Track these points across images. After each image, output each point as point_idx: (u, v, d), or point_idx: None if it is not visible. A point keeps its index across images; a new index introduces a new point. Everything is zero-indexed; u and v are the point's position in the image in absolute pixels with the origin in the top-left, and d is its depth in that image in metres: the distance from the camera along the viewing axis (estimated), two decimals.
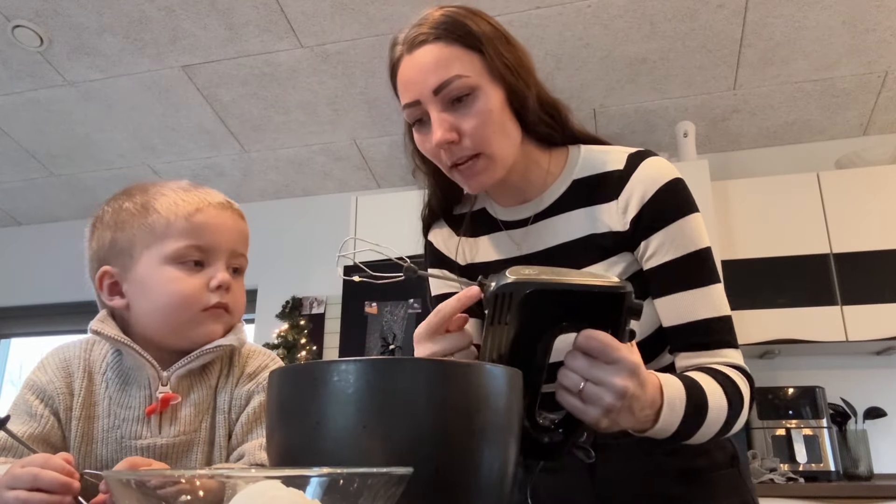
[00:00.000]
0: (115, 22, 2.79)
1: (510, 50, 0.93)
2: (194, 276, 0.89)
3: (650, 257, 0.92)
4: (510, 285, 0.68)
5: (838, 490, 2.43)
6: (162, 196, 0.90)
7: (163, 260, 0.88)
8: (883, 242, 2.81)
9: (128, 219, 0.90)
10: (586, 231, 0.96)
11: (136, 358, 0.88)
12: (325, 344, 3.51)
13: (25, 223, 4.37)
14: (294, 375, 0.58)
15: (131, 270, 0.89)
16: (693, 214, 0.93)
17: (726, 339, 0.91)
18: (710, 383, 0.82)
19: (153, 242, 0.88)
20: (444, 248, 1.09)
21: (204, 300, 0.88)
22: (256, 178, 3.81)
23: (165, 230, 0.88)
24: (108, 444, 0.88)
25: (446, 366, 0.57)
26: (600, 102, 3.15)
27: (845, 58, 2.85)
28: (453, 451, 0.54)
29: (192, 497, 0.39)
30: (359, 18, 2.73)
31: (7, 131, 3.52)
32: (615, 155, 0.97)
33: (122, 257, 0.90)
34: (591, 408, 0.67)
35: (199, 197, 0.91)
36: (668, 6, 2.64)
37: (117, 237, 0.90)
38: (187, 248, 0.88)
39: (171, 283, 0.87)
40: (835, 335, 2.75)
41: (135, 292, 0.89)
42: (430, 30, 0.90)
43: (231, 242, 0.92)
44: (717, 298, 0.91)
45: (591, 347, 0.67)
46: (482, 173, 0.91)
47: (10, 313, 4.23)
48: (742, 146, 3.42)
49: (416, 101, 0.90)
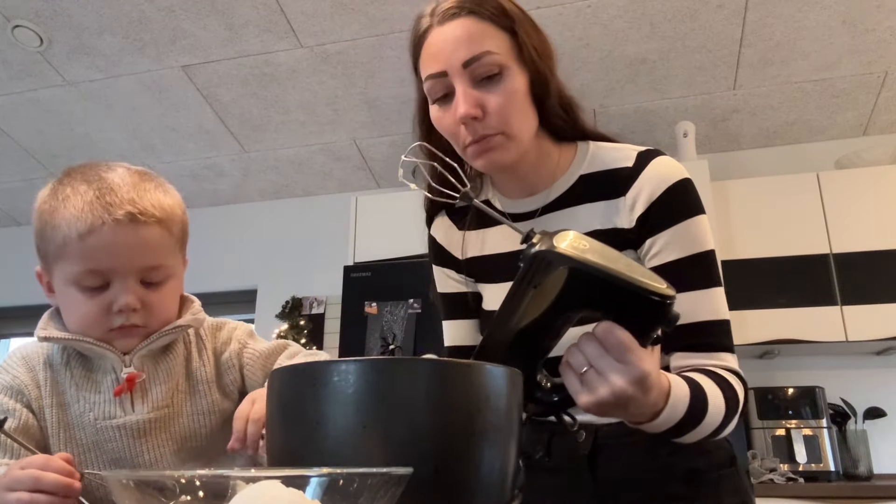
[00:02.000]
0: (115, 22, 2.79)
1: (539, 36, 0.93)
2: (96, 298, 0.85)
3: (654, 256, 0.92)
4: (552, 254, 0.64)
5: (838, 490, 2.43)
6: (66, 206, 0.84)
7: (65, 281, 0.85)
8: (883, 242, 2.81)
9: (43, 225, 0.86)
10: (592, 226, 0.95)
11: (93, 349, 0.89)
12: (324, 344, 3.51)
13: (25, 223, 4.37)
14: (294, 375, 0.58)
15: (52, 279, 0.88)
16: (700, 216, 0.92)
17: (724, 343, 0.91)
18: (713, 389, 0.82)
19: (58, 259, 0.85)
20: (444, 241, 1.09)
21: (107, 323, 0.86)
22: (256, 178, 3.81)
23: (63, 249, 0.83)
24: (84, 428, 0.89)
25: (446, 366, 0.57)
26: (600, 102, 3.15)
27: (845, 58, 2.85)
28: (453, 451, 0.54)
29: (192, 498, 0.39)
30: (359, 18, 2.73)
31: (7, 131, 3.52)
32: (625, 152, 0.97)
33: (45, 261, 0.88)
34: (586, 393, 0.67)
35: (96, 214, 0.82)
36: (667, 6, 2.64)
37: (38, 240, 0.88)
38: (83, 274, 0.83)
39: (75, 304, 0.86)
40: (835, 335, 2.75)
41: (59, 300, 0.89)
42: (462, 3, 0.89)
43: (135, 261, 0.84)
44: (717, 301, 0.91)
45: (608, 341, 0.66)
46: (497, 150, 0.89)
47: (10, 313, 4.23)
48: (742, 146, 3.42)
49: (443, 72, 0.88)
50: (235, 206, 3.99)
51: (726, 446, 0.99)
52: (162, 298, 0.90)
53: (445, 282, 1.10)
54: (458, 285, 1.09)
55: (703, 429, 0.80)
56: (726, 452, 0.98)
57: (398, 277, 2.86)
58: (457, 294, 1.09)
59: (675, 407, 0.74)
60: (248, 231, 3.92)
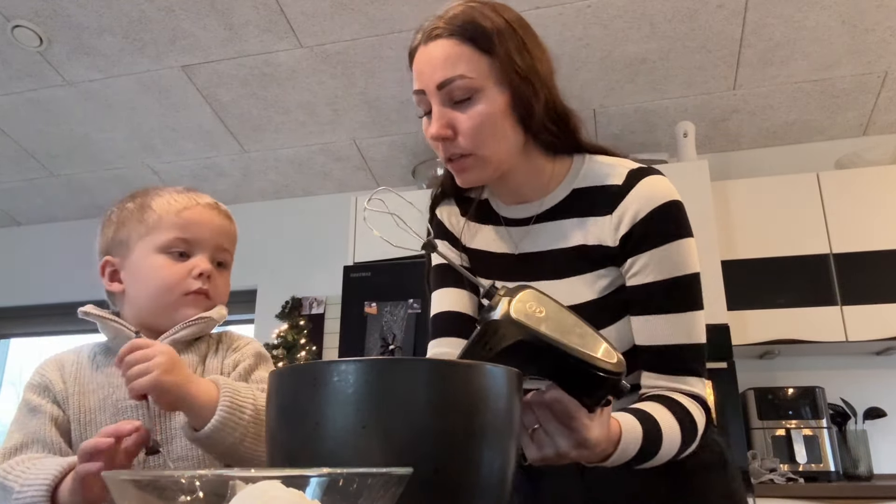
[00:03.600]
0: (115, 22, 2.79)
1: (524, 54, 0.92)
2: (179, 264, 1.00)
3: (633, 276, 0.93)
4: (506, 324, 0.67)
5: (838, 490, 2.43)
6: (158, 196, 1.03)
7: (153, 249, 1.00)
8: (883, 242, 2.81)
9: (128, 216, 1.03)
10: (578, 241, 0.97)
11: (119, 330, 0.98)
12: (324, 344, 3.51)
13: (25, 223, 4.37)
14: (294, 376, 0.58)
15: (128, 259, 1.02)
16: (684, 239, 0.92)
17: (692, 367, 0.92)
18: (669, 422, 0.85)
19: (146, 234, 1.01)
20: (448, 224, 1.11)
21: (185, 285, 0.99)
22: (256, 178, 3.81)
23: (157, 224, 1.01)
24: (105, 411, 0.96)
25: (446, 366, 0.57)
26: (600, 102, 3.15)
27: (845, 58, 2.85)
28: (453, 452, 0.54)
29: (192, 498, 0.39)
30: (359, 18, 2.73)
31: (7, 131, 3.52)
32: (617, 169, 0.97)
33: (121, 248, 1.03)
34: (534, 449, 0.73)
35: (189, 198, 1.04)
36: (667, 6, 2.64)
37: (119, 231, 1.03)
38: (174, 240, 1.00)
39: (159, 269, 0.99)
40: (835, 335, 2.75)
41: (129, 278, 1.02)
42: (446, 25, 0.91)
43: (215, 238, 1.03)
44: (691, 326, 0.92)
45: (555, 408, 0.70)
46: (470, 171, 0.93)
47: (9, 313, 4.23)
48: (742, 146, 3.42)
49: (422, 90, 0.92)
50: (235, 206, 3.95)
51: (716, 447, 0.99)
52: (224, 281, 1.06)
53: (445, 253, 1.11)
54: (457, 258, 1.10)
55: (658, 459, 0.84)
56: (715, 454, 0.99)
57: (398, 277, 2.86)
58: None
59: (625, 450, 0.78)
60: (248, 231, 3.90)
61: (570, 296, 0.95)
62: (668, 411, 0.86)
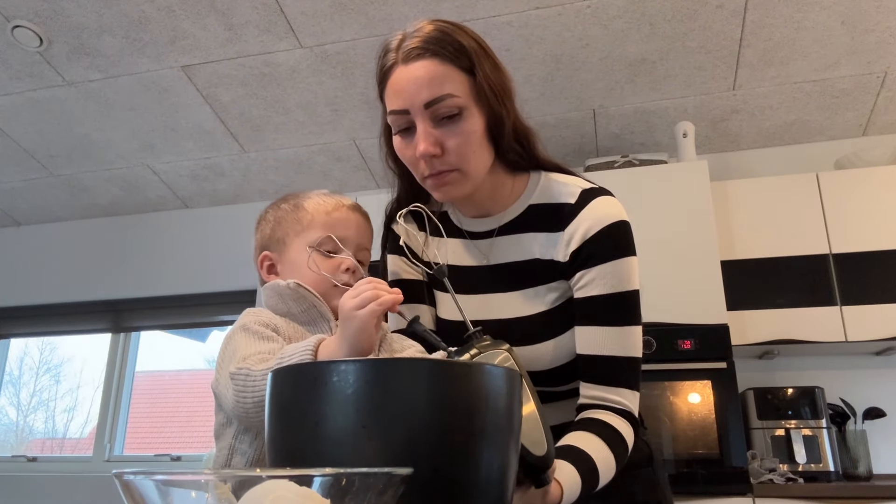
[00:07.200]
0: (115, 22, 2.79)
1: (497, 74, 0.97)
2: (330, 259, 1.09)
3: (581, 288, 0.99)
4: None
5: (838, 490, 2.43)
6: (308, 199, 1.15)
7: (307, 245, 1.10)
8: (882, 242, 2.81)
9: (283, 216, 1.15)
10: (533, 255, 1.03)
11: (319, 305, 1.05)
12: None
13: (25, 223, 4.37)
14: (294, 375, 0.58)
15: (284, 254, 1.12)
16: (628, 258, 0.99)
17: (626, 379, 0.97)
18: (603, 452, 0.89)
19: (301, 232, 1.11)
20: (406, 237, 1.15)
21: (336, 279, 1.08)
22: (256, 178, 3.81)
23: (311, 223, 1.11)
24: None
25: (446, 366, 0.58)
26: (600, 103, 3.15)
27: (844, 58, 2.85)
28: (453, 452, 0.54)
29: None
30: (359, 19, 2.73)
31: (7, 131, 3.52)
32: (570, 188, 1.03)
33: (278, 245, 1.13)
34: None
35: (336, 200, 1.14)
36: (667, 6, 2.64)
37: (276, 229, 1.14)
38: (326, 238, 1.09)
39: (314, 263, 1.08)
40: (834, 335, 2.75)
41: (286, 271, 1.11)
42: (426, 44, 0.93)
43: (358, 237, 1.11)
44: (630, 339, 0.98)
45: None
46: (452, 185, 0.97)
47: (9, 313, 4.23)
48: (741, 146, 3.42)
49: (405, 110, 0.94)
50: (235, 206, 3.98)
51: (644, 448, 1.06)
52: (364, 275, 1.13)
53: (403, 269, 1.15)
54: (416, 274, 1.14)
55: (600, 488, 0.89)
56: (643, 454, 1.06)
57: None
58: (414, 280, 1.14)
59: (569, 498, 0.81)
60: (248, 231, 3.91)
61: (524, 307, 1.02)
62: (602, 441, 0.91)
